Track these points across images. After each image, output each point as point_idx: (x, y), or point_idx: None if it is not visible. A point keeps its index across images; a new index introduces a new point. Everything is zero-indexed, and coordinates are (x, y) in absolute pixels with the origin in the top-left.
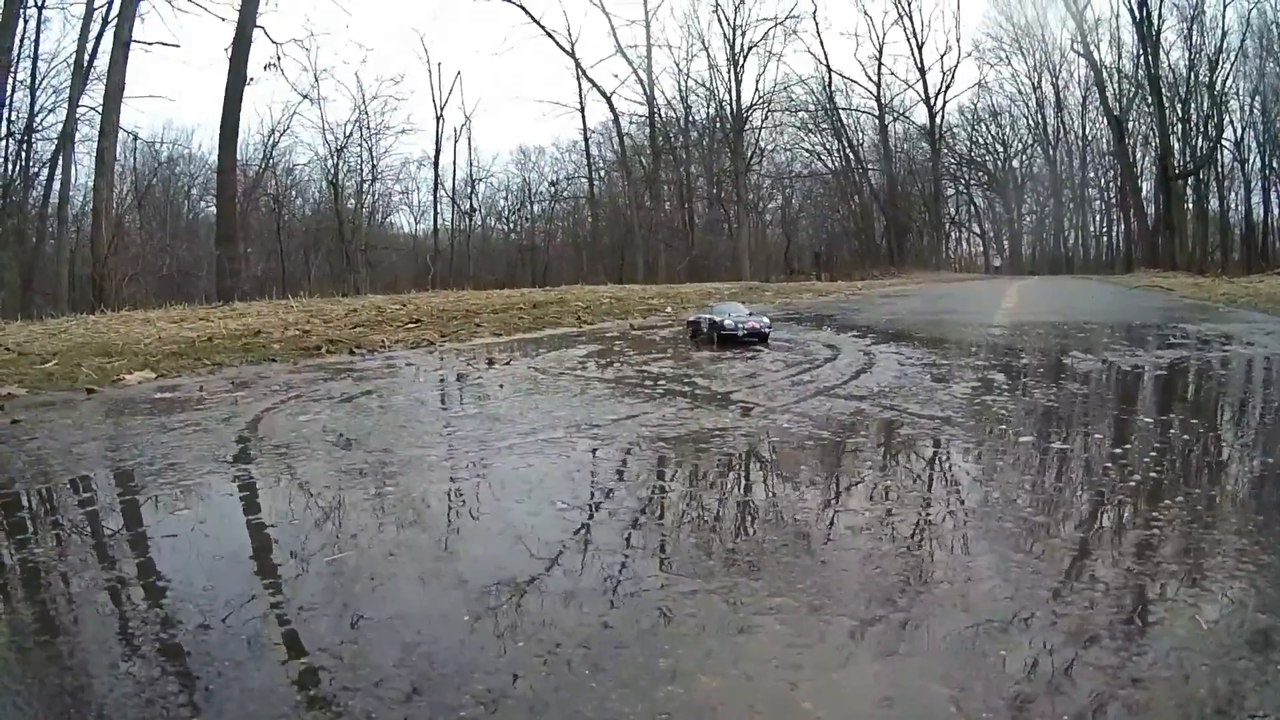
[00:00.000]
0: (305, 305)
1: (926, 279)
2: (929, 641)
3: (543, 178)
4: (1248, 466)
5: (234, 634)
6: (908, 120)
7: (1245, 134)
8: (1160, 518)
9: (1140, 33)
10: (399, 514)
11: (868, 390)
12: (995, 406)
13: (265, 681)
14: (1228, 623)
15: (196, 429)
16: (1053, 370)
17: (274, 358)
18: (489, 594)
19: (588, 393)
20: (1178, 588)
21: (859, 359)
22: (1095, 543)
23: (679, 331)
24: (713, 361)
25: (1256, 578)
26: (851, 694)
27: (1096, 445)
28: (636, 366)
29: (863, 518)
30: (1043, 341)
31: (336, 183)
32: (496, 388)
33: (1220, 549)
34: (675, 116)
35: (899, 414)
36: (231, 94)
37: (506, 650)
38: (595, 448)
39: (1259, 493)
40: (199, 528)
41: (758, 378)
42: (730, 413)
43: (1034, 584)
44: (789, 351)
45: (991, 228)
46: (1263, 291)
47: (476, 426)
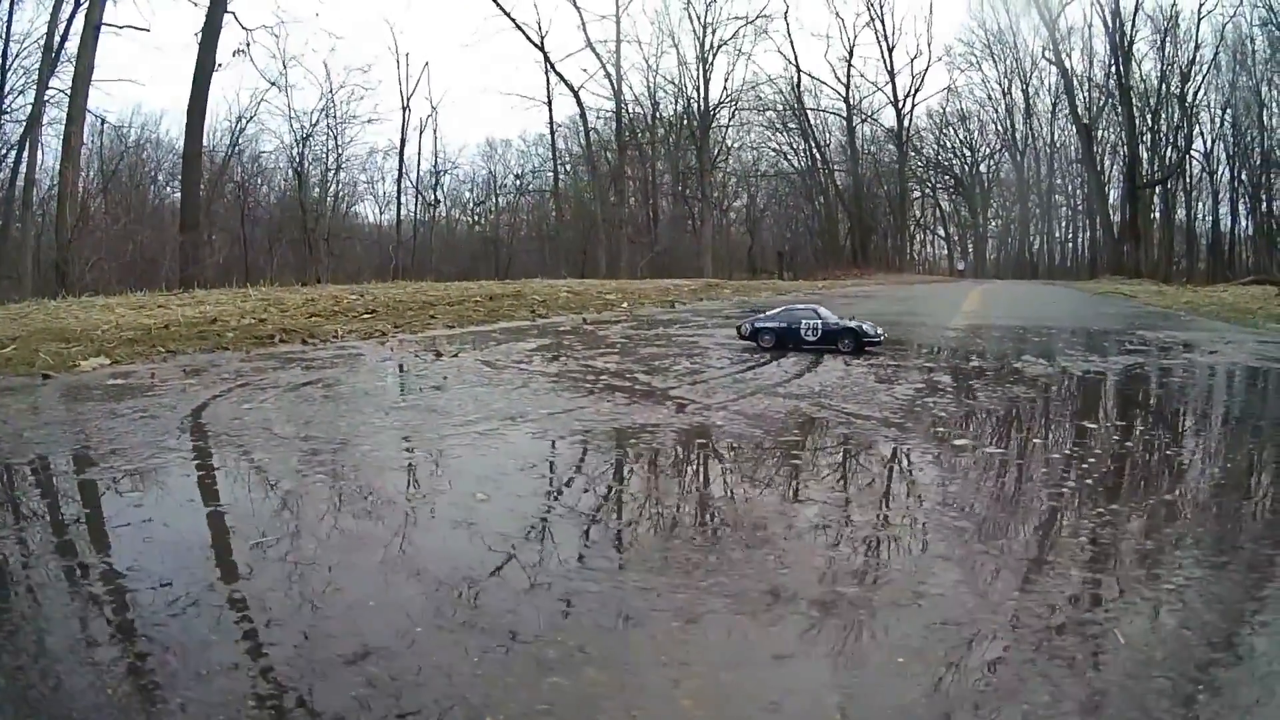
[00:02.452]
0: (264, 294)
1: (889, 281)
2: (827, 644)
3: (508, 170)
4: (1182, 473)
5: (168, 600)
6: (875, 122)
7: (1215, 146)
8: (1084, 524)
9: (1112, 42)
10: (323, 499)
11: (808, 389)
12: (935, 409)
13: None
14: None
15: (144, 415)
16: (1002, 374)
17: (227, 346)
18: (383, 570)
19: (529, 386)
20: (1088, 590)
21: (805, 358)
22: (997, 547)
23: (631, 327)
24: (658, 358)
25: (1183, 590)
26: (738, 695)
27: (1031, 450)
28: (582, 361)
29: (774, 516)
30: (997, 345)
31: (301, 171)
32: (440, 379)
33: (1140, 552)
34: (642, 112)
35: (835, 413)
36: (200, 79)
37: (383, 616)
38: (524, 440)
39: (1186, 499)
40: (140, 509)
41: (700, 374)
42: (665, 409)
43: (937, 587)
44: (736, 349)
45: (957, 231)
46: (1226, 301)
47: (413, 417)
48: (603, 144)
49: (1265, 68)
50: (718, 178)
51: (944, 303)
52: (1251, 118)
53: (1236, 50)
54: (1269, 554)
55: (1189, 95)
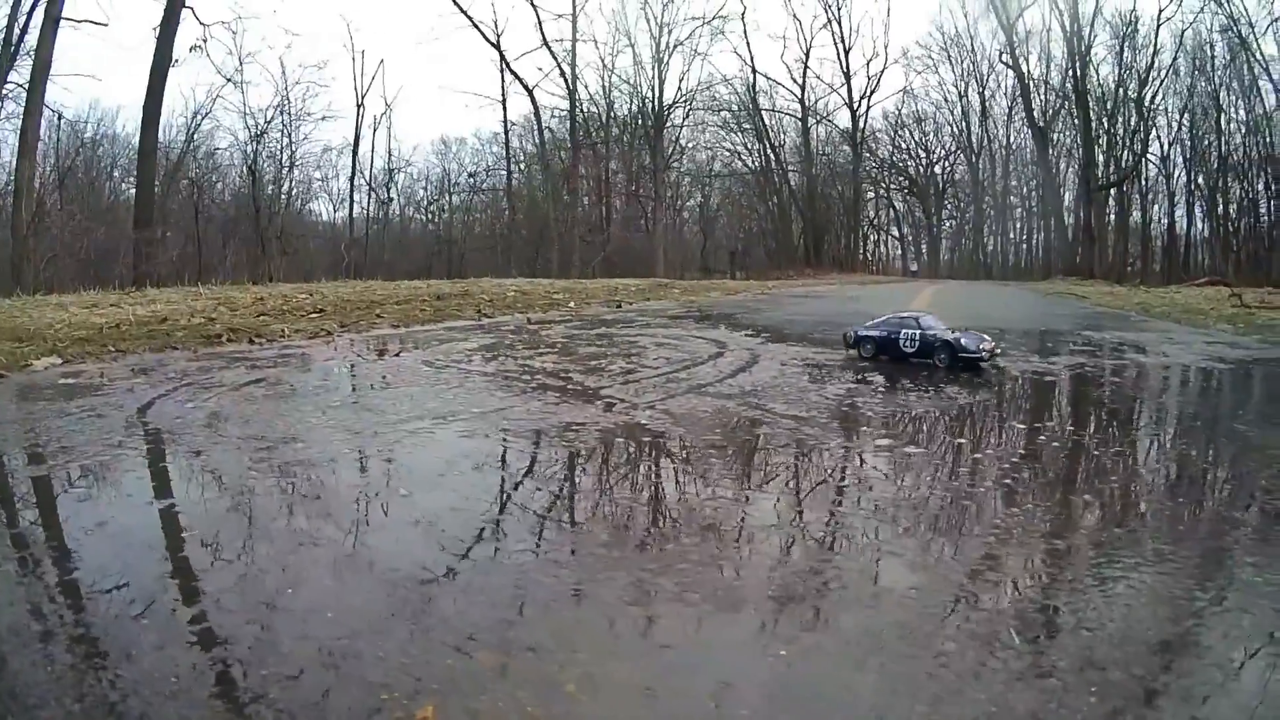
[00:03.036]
0: (214, 293)
1: (841, 280)
2: (713, 636)
3: (462, 169)
4: (1100, 473)
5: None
6: (830, 124)
7: (1172, 150)
8: (997, 525)
9: (1070, 47)
10: (253, 492)
11: (739, 389)
12: (864, 409)
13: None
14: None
15: (92, 414)
16: (939, 375)
17: (176, 345)
18: (295, 551)
19: (465, 385)
20: (985, 588)
21: (742, 358)
22: (897, 545)
23: (575, 327)
24: (595, 358)
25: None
26: (619, 683)
27: (955, 450)
28: (520, 361)
29: (679, 512)
30: None
31: (255, 168)
32: (379, 378)
33: (1051, 555)
34: (597, 112)
35: (761, 413)
36: (156, 75)
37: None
38: (450, 439)
39: (1100, 500)
40: (86, 504)
41: (634, 374)
42: (594, 408)
43: (831, 584)
44: (675, 349)
45: (910, 232)
46: (1178, 302)
47: (348, 416)
48: (557, 143)
49: (1224, 73)
50: (671, 177)
51: (893, 303)
52: (1209, 122)
53: (1196, 56)
54: (1171, 548)
55: (1146, 100)
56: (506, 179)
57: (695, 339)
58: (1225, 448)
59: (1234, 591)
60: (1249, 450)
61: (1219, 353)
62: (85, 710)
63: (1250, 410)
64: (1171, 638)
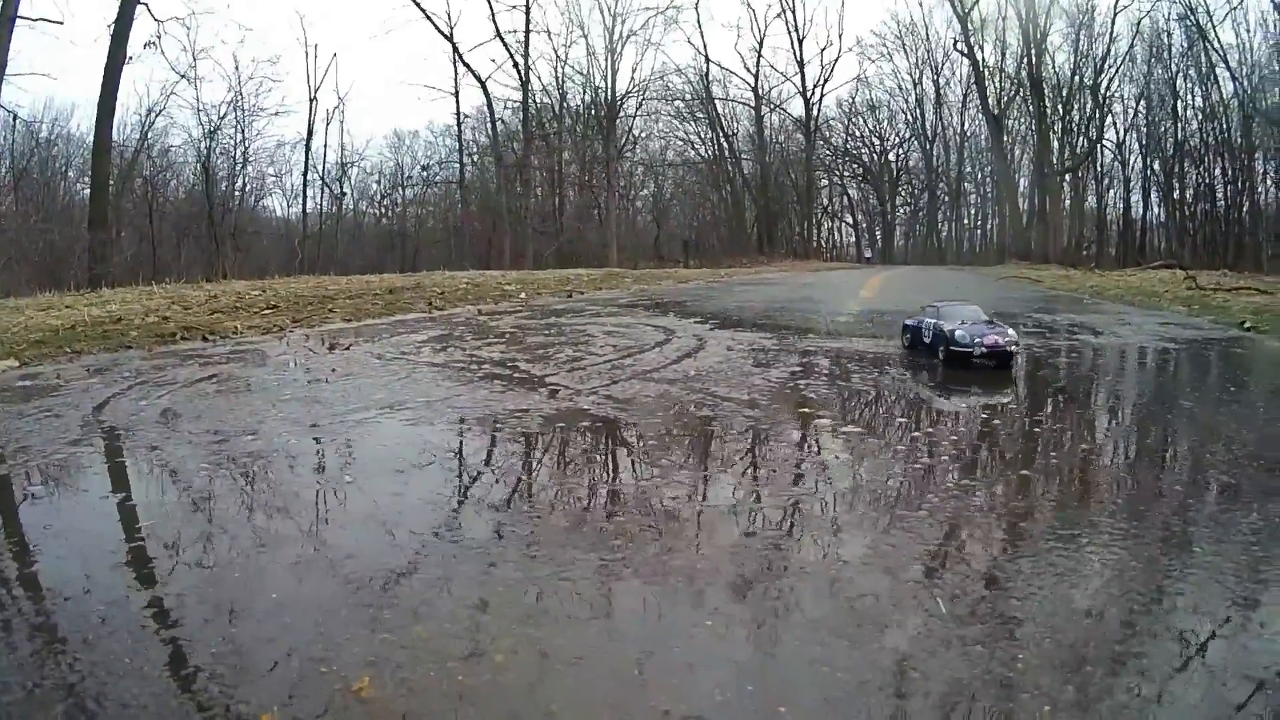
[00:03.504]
0: (169, 292)
1: (795, 268)
2: (647, 607)
3: (415, 162)
4: (1031, 452)
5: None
6: (784, 112)
7: (1128, 136)
8: (921, 505)
9: (1026, 35)
10: (206, 482)
11: (683, 375)
12: (806, 390)
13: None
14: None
15: (49, 414)
16: (881, 359)
17: (131, 345)
18: (244, 536)
19: (412, 376)
20: (910, 563)
21: (689, 344)
22: (827, 522)
23: (525, 317)
24: (543, 347)
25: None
26: (547, 651)
27: (891, 429)
28: (469, 351)
29: (617, 492)
30: (885, 330)
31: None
32: (329, 372)
33: (963, 528)
34: (550, 103)
35: (703, 396)
36: (111, 72)
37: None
38: (396, 427)
39: (1039, 475)
40: (44, 500)
41: (580, 362)
42: (538, 395)
43: (758, 557)
44: (622, 337)
45: (865, 219)
46: (1133, 285)
47: (297, 408)
48: (510, 135)
49: (1181, 61)
50: (624, 167)
51: (844, 289)
52: (1166, 109)
53: (1153, 44)
54: (1103, 519)
55: (1103, 87)
56: (459, 172)
57: (643, 327)
58: (1169, 423)
59: (1174, 564)
60: (1193, 425)
61: (1170, 333)
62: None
63: (1195, 387)
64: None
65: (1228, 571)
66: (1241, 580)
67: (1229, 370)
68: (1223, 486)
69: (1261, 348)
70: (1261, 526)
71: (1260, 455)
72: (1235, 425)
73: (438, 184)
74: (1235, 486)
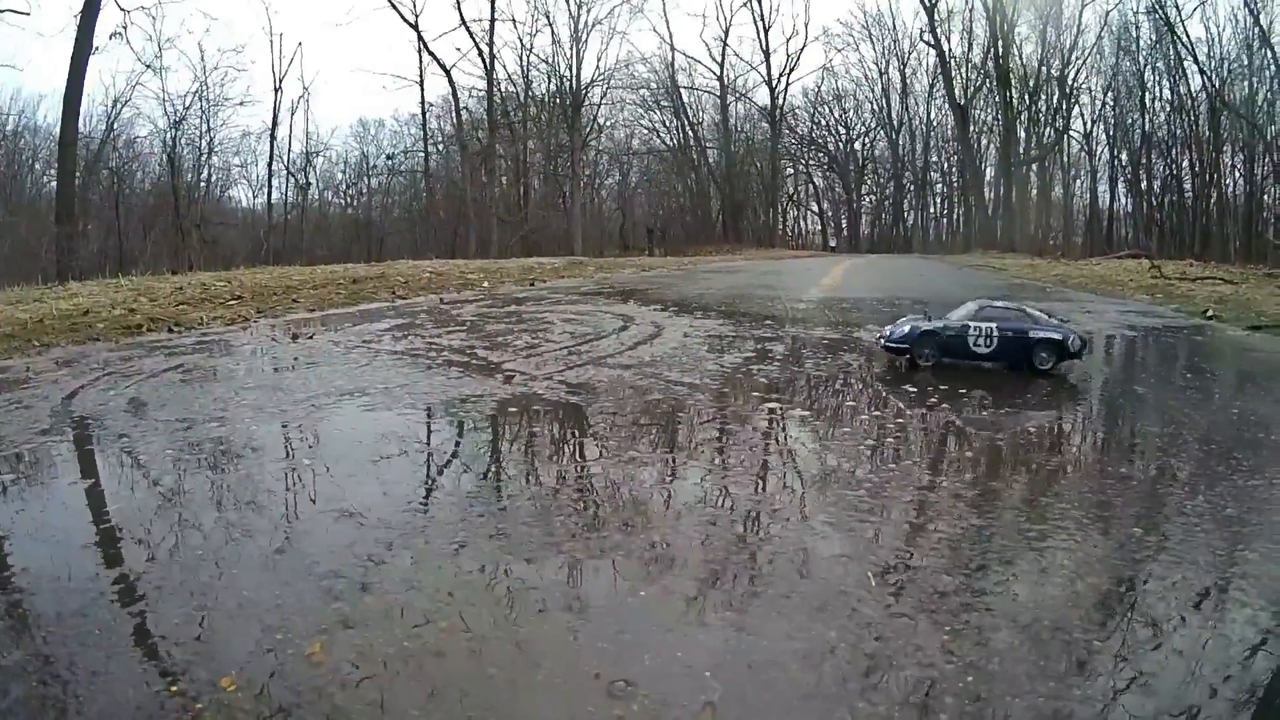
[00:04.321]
0: (134, 284)
1: (759, 256)
2: (577, 580)
3: (380, 151)
4: (973, 436)
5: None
6: (749, 101)
7: (1095, 127)
8: (864, 479)
9: (993, 27)
10: (171, 468)
11: (638, 360)
12: (757, 375)
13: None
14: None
15: (19, 406)
16: (837, 344)
17: (98, 337)
18: (209, 518)
19: (373, 364)
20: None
21: (647, 331)
22: (766, 502)
23: (486, 306)
24: (502, 334)
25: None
26: (486, 620)
27: (838, 412)
28: (428, 339)
29: (566, 475)
30: (843, 316)
31: (175, 156)
32: (291, 360)
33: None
34: (515, 91)
35: (655, 381)
36: (77, 64)
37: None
38: (354, 412)
39: (982, 458)
40: (13, 489)
41: (538, 349)
42: (494, 380)
43: (699, 536)
44: (581, 324)
45: (830, 208)
46: (1098, 274)
47: (260, 396)
48: (475, 123)
49: (1149, 54)
50: (589, 156)
51: (806, 276)
52: (1133, 101)
53: (1120, 36)
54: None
55: (1069, 78)
56: (424, 161)
57: (602, 314)
58: (1121, 408)
59: (1113, 548)
60: (1145, 410)
61: (1130, 321)
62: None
63: (1152, 374)
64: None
65: (1172, 555)
66: (1182, 565)
67: (1187, 357)
68: (1170, 470)
69: (1221, 336)
70: (1205, 510)
71: (1211, 439)
72: (1189, 411)
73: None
74: (1183, 470)
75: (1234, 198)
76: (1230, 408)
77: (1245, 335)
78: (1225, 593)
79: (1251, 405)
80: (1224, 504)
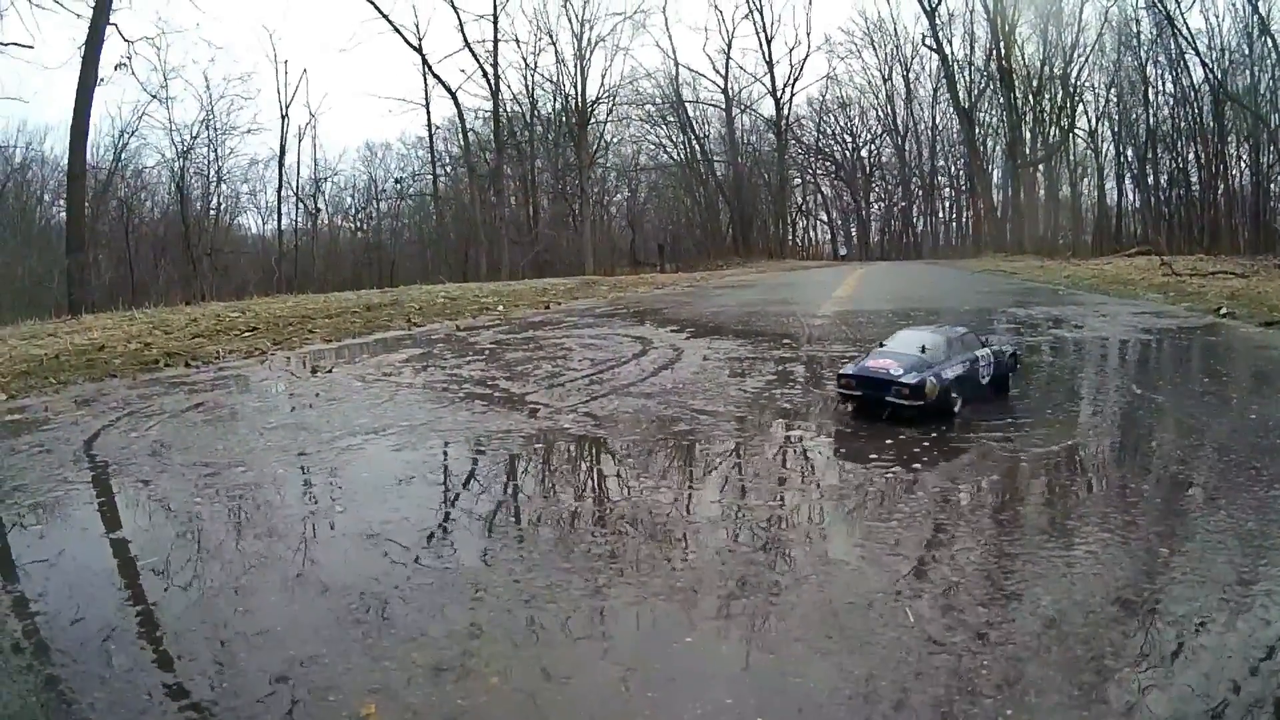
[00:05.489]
0: (149, 316)
1: (770, 268)
2: (626, 628)
3: (389, 174)
4: (994, 453)
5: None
6: (755, 112)
7: (1100, 125)
8: (893, 511)
9: (994, 27)
10: (200, 517)
11: (660, 388)
12: (781, 400)
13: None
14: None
15: (40, 450)
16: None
17: (115, 373)
18: (244, 570)
19: (395, 399)
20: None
21: (666, 355)
22: (799, 535)
23: (503, 331)
24: (521, 363)
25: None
26: (537, 673)
27: (863, 439)
28: (448, 370)
29: (599, 513)
30: (859, 332)
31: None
32: (312, 396)
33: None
34: (521, 111)
35: (680, 410)
36: (83, 95)
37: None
38: (382, 453)
39: (1004, 477)
40: (42, 540)
41: (559, 377)
42: (520, 414)
43: (741, 562)
44: (599, 350)
45: (839, 216)
46: (1108, 274)
47: (284, 436)
48: (481, 144)
49: (1151, 48)
50: (597, 173)
51: (819, 288)
52: (1137, 96)
53: (1121, 32)
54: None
55: (1072, 76)
56: (433, 183)
57: (620, 337)
58: (1140, 419)
59: (1132, 570)
60: (1163, 421)
61: (1145, 324)
62: None
63: (1169, 380)
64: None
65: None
66: (1207, 589)
67: (1203, 361)
68: (1189, 484)
69: (1235, 334)
70: (1227, 526)
71: (1230, 449)
72: (1207, 419)
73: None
74: (1204, 483)
75: (1241, 189)
76: (1248, 412)
77: (1259, 332)
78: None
79: (1270, 409)
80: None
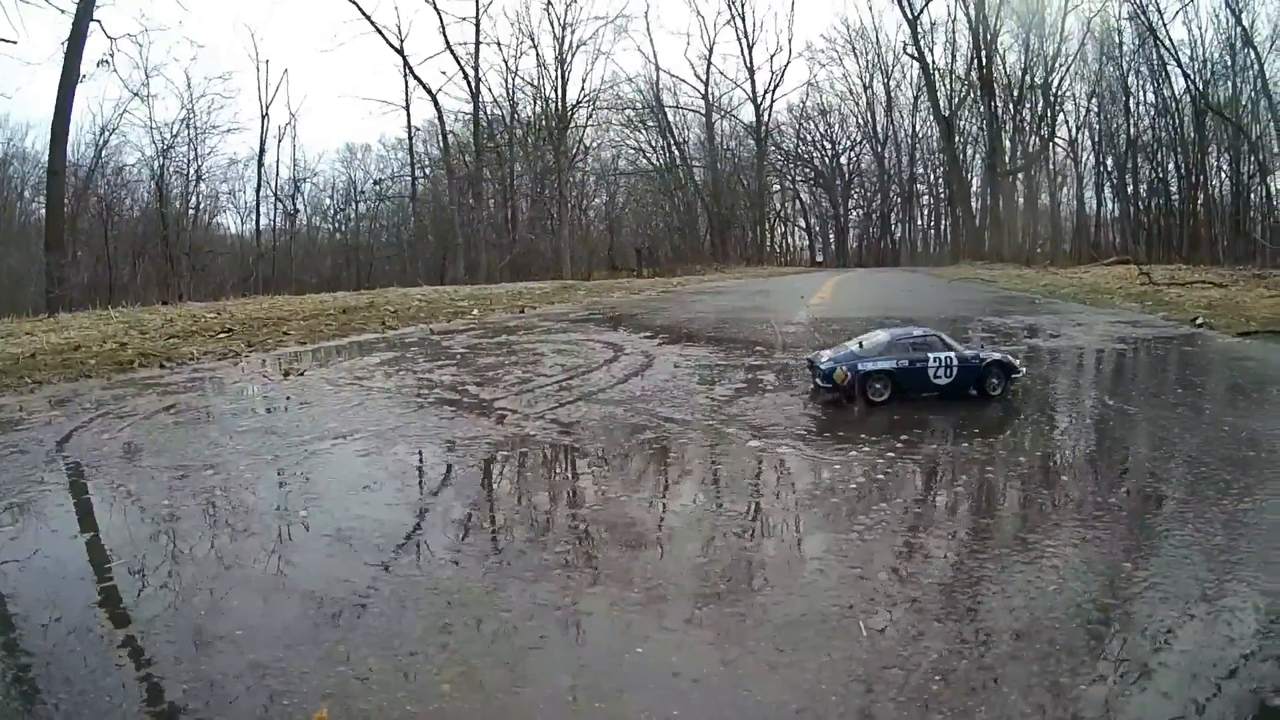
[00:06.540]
0: (125, 316)
1: (748, 274)
2: (581, 634)
3: (368, 176)
4: (963, 464)
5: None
6: (735, 118)
7: (1080, 134)
8: (855, 527)
9: (976, 37)
10: (168, 520)
11: (629, 395)
12: (749, 409)
13: None
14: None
15: (14, 450)
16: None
17: (90, 374)
18: (201, 572)
19: (365, 403)
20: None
21: (637, 362)
22: (751, 545)
23: (476, 336)
24: (493, 368)
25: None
26: (488, 681)
27: (826, 446)
28: (420, 375)
29: (557, 519)
30: (832, 339)
31: (163, 183)
32: (284, 399)
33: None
34: (501, 114)
35: (647, 418)
36: (64, 91)
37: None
38: (349, 458)
39: (972, 488)
40: (14, 541)
41: (529, 383)
42: (487, 420)
43: (678, 576)
44: (571, 356)
45: (818, 223)
46: (1087, 282)
47: (254, 441)
48: (461, 147)
49: (1133, 58)
50: (576, 177)
51: (795, 295)
52: (1118, 106)
53: (1103, 42)
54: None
55: (1053, 85)
56: (412, 185)
57: (593, 343)
58: (1111, 431)
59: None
60: (1135, 432)
61: (1121, 333)
62: None
63: (1142, 391)
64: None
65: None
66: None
67: (1178, 371)
68: (1159, 498)
69: (1211, 345)
70: (1194, 540)
71: (1201, 461)
72: (1179, 430)
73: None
74: (1172, 496)
75: (1221, 199)
76: (1221, 424)
77: (1235, 342)
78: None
79: (1243, 420)
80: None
